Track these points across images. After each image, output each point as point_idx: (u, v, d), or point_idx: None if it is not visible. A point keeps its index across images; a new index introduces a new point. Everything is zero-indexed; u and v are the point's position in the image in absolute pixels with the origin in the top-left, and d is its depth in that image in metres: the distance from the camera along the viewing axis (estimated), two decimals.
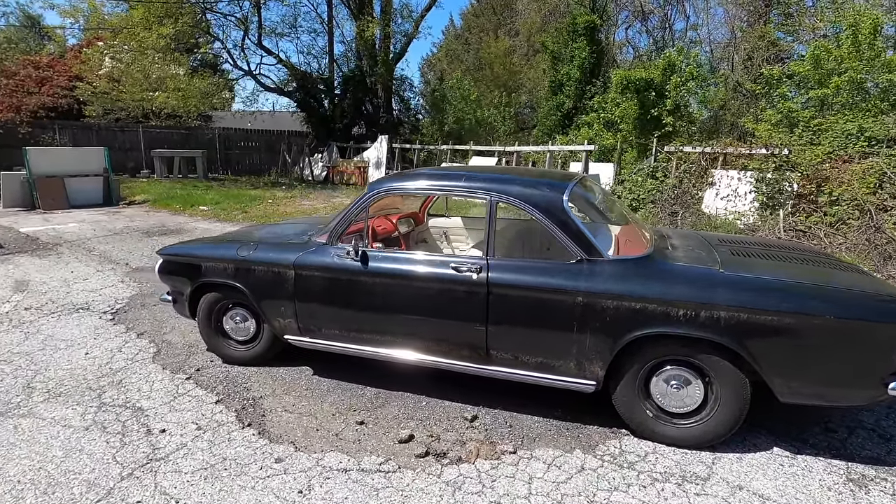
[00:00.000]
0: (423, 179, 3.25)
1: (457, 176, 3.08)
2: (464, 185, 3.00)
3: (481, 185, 2.93)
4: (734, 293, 2.40)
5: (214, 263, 3.44)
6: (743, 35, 15.13)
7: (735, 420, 2.49)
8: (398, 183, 3.16)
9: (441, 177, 3.23)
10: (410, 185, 3.15)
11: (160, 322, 4.49)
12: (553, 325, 2.65)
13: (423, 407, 3.08)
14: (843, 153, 8.81)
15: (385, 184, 3.15)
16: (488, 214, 2.83)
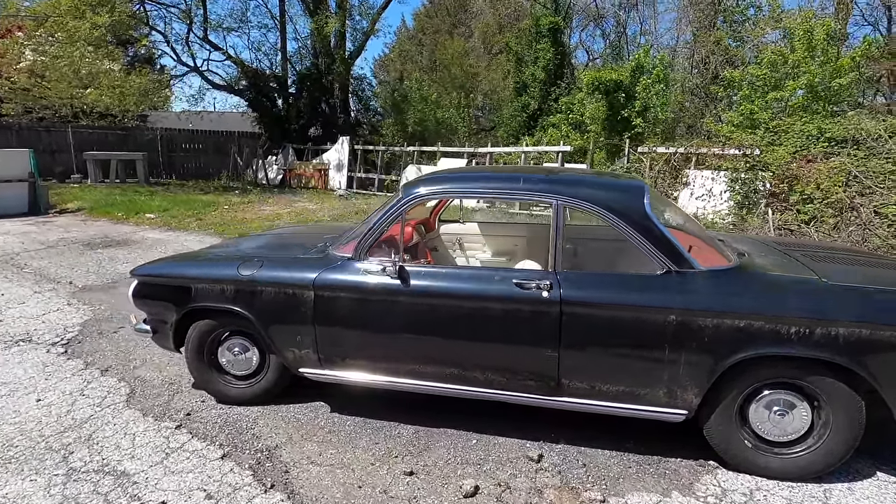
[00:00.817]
0: (469, 181, 2.80)
1: (512, 177, 2.67)
2: (522, 187, 2.59)
3: (544, 188, 2.54)
4: (853, 306, 2.13)
5: (209, 285, 2.83)
6: (696, 39, 15.65)
7: (848, 448, 2.23)
8: (438, 186, 2.70)
9: (492, 178, 2.80)
10: (454, 188, 2.71)
11: (127, 354, 3.77)
12: (640, 348, 2.30)
13: (474, 446, 2.63)
14: (806, 153, 9.13)
15: (422, 187, 2.67)
16: (555, 221, 2.43)
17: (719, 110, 12.97)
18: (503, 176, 2.75)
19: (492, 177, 2.82)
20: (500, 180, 2.73)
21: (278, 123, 18.09)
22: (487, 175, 2.92)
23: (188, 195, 13.81)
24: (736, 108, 11.71)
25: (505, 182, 2.67)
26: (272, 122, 18.09)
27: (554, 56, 15.14)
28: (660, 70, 11.49)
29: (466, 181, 2.80)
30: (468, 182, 2.79)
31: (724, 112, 12.24)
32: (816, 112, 10.49)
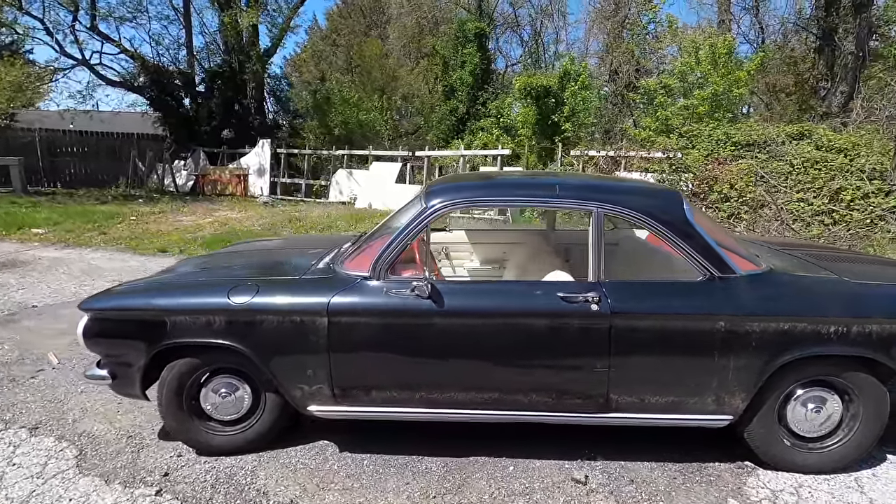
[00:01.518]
0: (501, 189, 2.60)
1: (547, 185, 2.53)
2: (558, 194, 2.44)
3: (583, 195, 2.41)
4: (882, 303, 2.25)
5: (191, 317, 2.36)
6: (609, 50, 16.71)
7: (875, 437, 2.35)
8: (467, 195, 2.47)
9: (525, 186, 2.63)
10: (485, 197, 2.50)
11: (58, 404, 3.08)
12: (690, 357, 2.25)
13: (514, 474, 2.44)
14: (717, 156, 10.03)
15: (449, 196, 2.41)
16: (596, 230, 2.31)
17: (636, 116, 13.91)
18: (537, 183, 2.60)
19: (524, 184, 2.66)
20: (533, 188, 2.57)
21: (186, 124, 16.50)
22: (520, 182, 2.75)
23: (83, 206, 12.11)
24: (651, 114, 12.62)
25: (540, 189, 2.52)
26: (179, 122, 16.46)
27: (481, 61, 15.35)
28: (585, 77, 12.06)
29: (498, 189, 2.60)
30: (500, 189, 2.59)
31: (640, 118, 13.13)
32: (719, 119, 11.61)
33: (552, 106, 11.87)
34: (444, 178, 2.90)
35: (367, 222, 10.49)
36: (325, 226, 10.05)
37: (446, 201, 2.38)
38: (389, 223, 2.68)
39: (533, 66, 20.56)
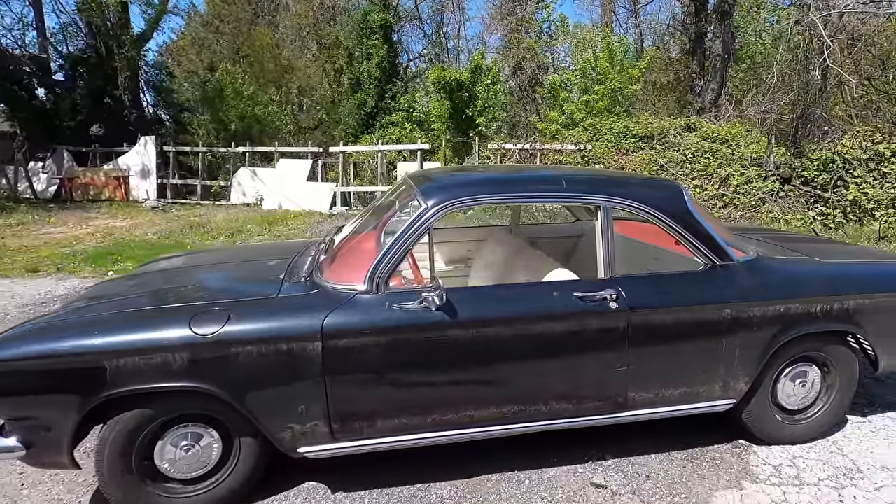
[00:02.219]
0: (508, 185, 2.39)
1: (553, 179, 2.39)
2: (566, 189, 2.31)
3: (590, 189, 2.31)
4: (854, 280, 2.43)
5: (141, 358, 1.87)
6: (510, 45, 17.22)
7: (848, 402, 2.56)
8: (473, 192, 2.22)
9: (532, 181, 2.47)
10: (492, 194, 2.28)
11: None
12: (701, 346, 2.26)
13: (531, 489, 2.28)
14: (619, 147, 10.77)
15: (452, 195, 2.16)
16: (605, 224, 2.22)
17: (542, 110, 14.49)
18: (542, 177, 2.46)
19: (531, 179, 2.50)
20: (540, 182, 2.42)
21: (42, 119, 14.05)
22: (525, 178, 2.57)
23: None
24: (557, 108, 13.22)
25: (546, 184, 2.38)
26: (32, 117, 13.95)
27: (388, 54, 14.95)
28: (495, 72, 12.27)
29: (504, 185, 2.39)
30: (506, 186, 2.39)
31: (546, 112, 13.70)
32: (617, 113, 12.49)
33: (465, 100, 11.91)
34: (432, 174, 2.64)
35: (282, 224, 9.73)
36: (235, 230, 9.10)
37: (450, 200, 2.14)
38: (373, 225, 2.37)
39: (436, 59, 20.56)
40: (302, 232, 9.02)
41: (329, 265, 2.29)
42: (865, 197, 7.80)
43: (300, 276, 2.30)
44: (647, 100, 16.18)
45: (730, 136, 10.02)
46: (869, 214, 7.79)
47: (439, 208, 2.11)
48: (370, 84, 15.20)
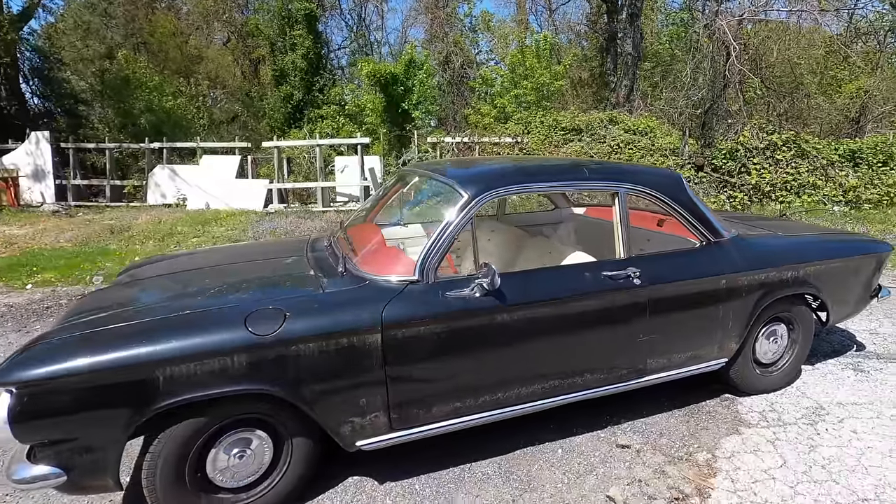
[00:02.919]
0: (539, 175, 2.51)
1: (576, 170, 2.56)
2: (588, 177, 2.51)
3: (608, 177, 2.53)
4: (814, 250, 2.87)
5: (196, 365, 1.77)
6: (437, 39, 17.36)
7: (805, 355, 3.02)
8: (509, 182, 2.32)
9: (558, 171, 2.62)
10: (527, 184, 2.39)
11: None
12: (703, 313, 2.56)
13: (567, 457, 2.46)
14: (550, 140, 11.37)
15: (492, 183, 2.26)
16: (621, 209, 2.44)
17: (474, 103, 14.82)
18: (566, 168, 2.62)
19: (557, 169, 2.64)
20: (565, 172, 2.58)
21: None
22: (552, 168, 2.69)
23: None
24: (489, 102, 13.61)
25: (572, 174, 2.55)
26: None
27: (314, 45, 14.44)
28: (428, 66, 12.35)
29: (536, 175, 2.50)
30: (537, 176, 2.50)
31: (479, 105, 14.04)
32: (545, 107, 13.14)
33: (401, 93, 11.88)
34: (446, 165, 2.70)
35: (216, 225, 9.13)
36: (165, 234, 8.40)
37: (491, 190, 2.23)
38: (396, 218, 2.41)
39: (359, 52, 20.20)
40: (242, 232, 8.55)
41: (368, 259, 2.28)
42: (764, 181, 8.95)
43: (335, 271, 2.27)
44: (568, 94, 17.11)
45: (648, 128, 10.96)
46: (767, 196, 8.95)
47: (482, 198, 2.20)
48: (296, 76, 14.61)
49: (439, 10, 17.43)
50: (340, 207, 10.31)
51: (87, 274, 6.04)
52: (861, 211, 8.60)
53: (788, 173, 8.94)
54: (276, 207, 10.50)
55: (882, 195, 8.88)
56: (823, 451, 2.45)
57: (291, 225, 8.78)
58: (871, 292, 3.17)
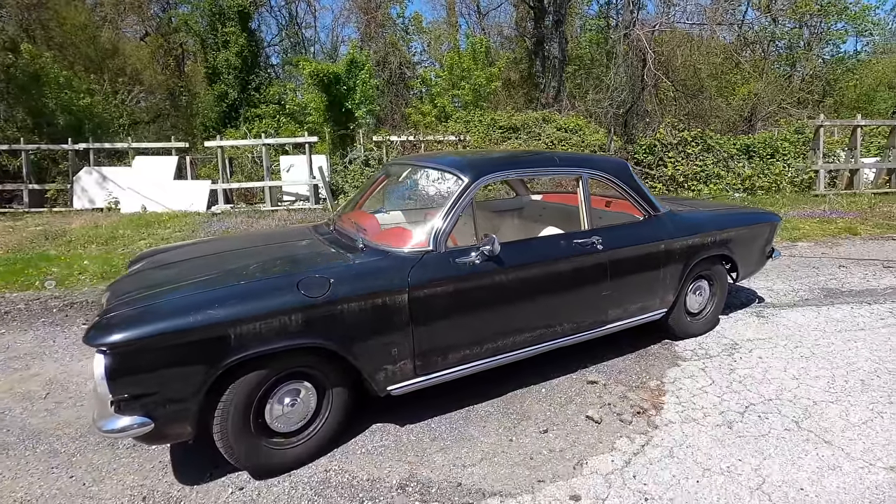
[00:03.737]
0: (522, 164, 3.05)
1: (550, 159, 3.12)
2: (559, 165, 3.08)
3: (574, 165, 3.10)
4: (728, 220, 3.63)
5: (261, 324, 2.10)
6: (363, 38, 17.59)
7: (722, 305, 3.79)
8: (500, 170, 2.85)
9: (537, 161, 3.15)
10: (514, 170, 2.92)
11: None
12: (649, 272, 3.21)
13: (550, 394, 3.00)
14: (490, 138, 12.08)
15: (487, 170, 2.75)
16: (584, 190, 3.02)
17: (413, 103, 15.24)
18: (543, 157, 3.15)
19: (536, 158, 3.16)
20: (543, 161, 3.13)
21: None
22: (531, 157, 3.21)
23: None
24: (429, 101, 14.10)
25: (547, 162, 3.10)
26: None
27: (248, 43, 14.17)
28: (370, 66, 12.61)
29: (520, 163, 3.02)
30: (521, 163, 3.02)
31: (418, 105, 14.49)
32: (482, 107, 13.85)
33: (344, 93, 12.06)
34: (442, 156, 3.14)
35: (160, 227, 8.89)
36: (107, 238, 8.09)
37: (487, 174, 2.72)
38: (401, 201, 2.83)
39: (291, 50, 19.93)
40: (192, 233, 8.42)
41: (384, 235, 2.69)
42: (678, 172, 10.17)
43: (353, 248, 2.65)
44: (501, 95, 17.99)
45: (578, 126, 11.97)
46: (681, 185, 10.19)
47: (480, 181, 2.68)
48: (230, 74, 14.27)
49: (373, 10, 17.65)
50: (290, 206, 10.35)
51: (34, 279, 5.82)
52: (756, 196, 10.06)
53: (697, 165, 10.23)
54: (221, 208, 10.34)
55: (771, 183, 10.42)
56: (739, 371, 3.19)
57: (244, 224, 8.77)
58: (767, 253, 4.02)
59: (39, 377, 3.42)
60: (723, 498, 2.11)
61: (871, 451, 2.39)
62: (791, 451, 2.40)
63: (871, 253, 6.25)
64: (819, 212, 8.61)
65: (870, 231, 7.49)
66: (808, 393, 2.92)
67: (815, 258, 6.00)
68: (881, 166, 11.19)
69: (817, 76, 19.22)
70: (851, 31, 19.44)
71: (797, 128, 11.58)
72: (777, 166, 10.64)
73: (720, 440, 2.50)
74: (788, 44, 18.82)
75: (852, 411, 2.73)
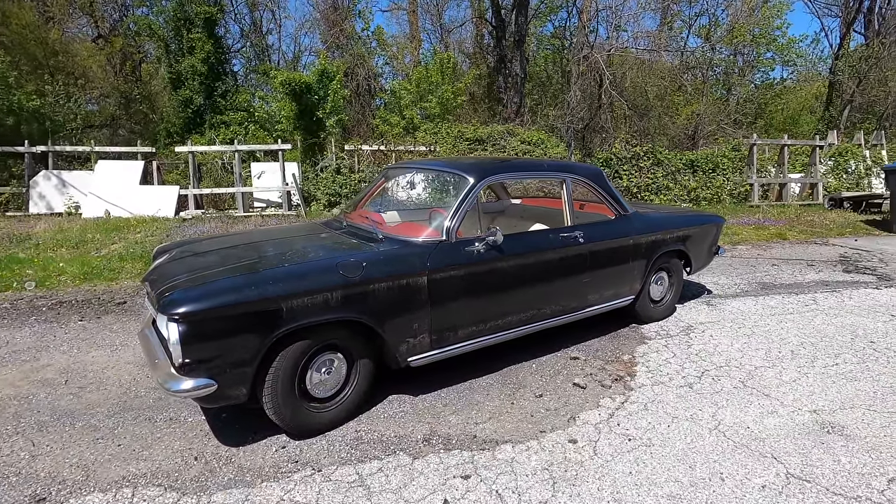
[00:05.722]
0: (517, 167, 3.51)
1: (539, 165, 3.61)
2: (546, 170, 3.58)
3: (559, 170, 3.60)
4: (686, 221, 4.24)
5: (308, 299, 2.44)
6: (328, 48, 17.87)
7: (678, 294, 4.39)
8: (499, 173, 3.33)
9: (528, 165, 3.62)
10: (511, 173, 3.39)
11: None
12: (620, 263, 3.74)
13: (538, 369, 3.45)
14: (457, 150, 12.62)
15: (489, 173, 3.21)
16: (568, 192, 3.52)
17: (380, 114, 15.61)
18: (533, 165, 3.64)
19: (528, 165, 3.64)
20: (533, 167, 3.61)
21: None
22: (523, 164, 3.67)
23: None
24: (398, 113, 14.52)
25: (536, 168, 3.59)
26: None
27: (215, 49, 14.13)
28: (340, 77, 12.90)
29: (517, 167, 3.49)
30: (518, 169, 3.49)
31: (387, 116, 14.88)
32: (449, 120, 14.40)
33: (315, 102, 12.28)
34: (456, 159, 3.59)
35: (130, 232, 8.81)
36: (76, 241, 7.96)
37: (489, 176, 3.17)
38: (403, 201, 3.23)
39: (255, 58, 19.89)
40: (166, 236, 8.40)
41: (401, 229, 3.07)
42: (632, 184, 11.04)
43: (373, 238, 3.03)
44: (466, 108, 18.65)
45: (540, 140, 12.72)
46: (635, 196, 11.05)
47: (484, 181, 3.12)
48: (195, 81, 14.16)
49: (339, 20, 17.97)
50: (262, 212, 10.44)
51: (11, 281, 5.76)
52: (700, 206, 11.06)
53: (649, 178, 11.15)
54: (192, 213, 10.29)
55: (713, 194, 11.49)
56: (695, 346, 3.76)
57: (219, 229, 8.82)
58: (714, 251, 4.68)
59: (52, 367, 3.55)
60: (689, 436, 2.62)
61: (799, 400, 2.98)
62: (739, 402, 2.95)
63: (798, 254, 7.16)
64: (754, 220, 9.64)
65: (796, 236, 8.51)
66: (750, 361, 3.52)
67: (752, 258, 6.83)
68: (805, 181, 12.55)
69: (750, 100, 21.12)
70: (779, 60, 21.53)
71: (734, 145, 12.80)
72: (718, 180, 11.74)
73: (683, 397, 3.02)
74: (725, 70, 20.60)
75: (784, 373, 3.34)
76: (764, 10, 19.79)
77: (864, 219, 10.24)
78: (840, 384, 3.18)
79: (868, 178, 13.21)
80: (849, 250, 7.38)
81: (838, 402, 2.95)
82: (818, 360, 3.53)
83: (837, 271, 6.08)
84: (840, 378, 3.26)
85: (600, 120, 13.23)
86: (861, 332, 4.06)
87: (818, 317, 4.42)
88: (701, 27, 20.48)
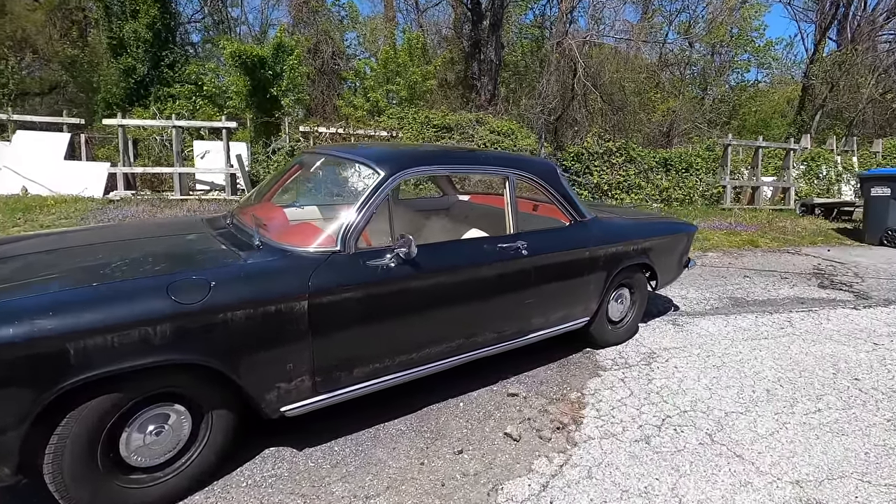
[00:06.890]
0: (448, 160, 2.78)
1: (476, 158, 2.89)
2: (484, 163, 2.85)
3: (500, 164, 2.89)
4: (650, 229, 3.62)
5: (115, 335, 1.70)
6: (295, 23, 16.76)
7: (641, 313, 3.79)
8: (423, 165, 2.58)
9: (463, 158, 2.88)
10: (438, 166, 2.64)
11: None
12: (573, 279, 3.10)
13: (466, 408, 2.80)
14: (423, 136, 11.85)
15: (406, 164, 2.46)
16: (509, 191, 2.84)
17: (345, 95, 14.65)
18: (469, 157, 2.91)
19: (458, 155, 2.90)
20: (466, 158, 2.87)
21: None
22: (458, 156, 2.94)
23: None
24: (362, 95, 13.61)
25: (471, 159, 2.86)
26: None
27: (161, 15, 12.89)
28: (299, 52, 11.91)
29: (441, 159, 2.73)
30: (447, 161, 2.75)
31: (350, 97, 13.96)
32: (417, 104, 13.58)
33: (269, 78, 11.29)
34: (371, 147, 2.84)
35: (40, 212, 7.80)
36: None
37: (405, 169, 2.45)
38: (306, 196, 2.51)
39: (214, 28, 18.57)
40: (82, 221, 7.43)
41: (287, 232, 2.34)
42: (603, 181, 10.50)
43: (249, 245, 2.29)
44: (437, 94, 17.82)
45: (510, 130, 12.04)
46: (605, 194, 10.52)
47: (397, 176, 2.40)
48: (139, 48, 12.92)
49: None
50: (203, 196, 9.48)
51: None
52: (671, 207, 10.61)
53: (621, 175, 10.62)
54: (121, 194, 9.26)
55: (685, 195, 11.05)
56: (657, 382, 3.16)
57: (145, 214, 7.88)
58: (684, 263, 4.10)
59: None
60: None
61: (778, 465, 2.40)
62: (706, 467, 2.35)
63: (771, 264, 6.71)
64: (726, 224, 9.21)
65: (769, 244, 8.10)
66: (719, 404, 2.93)
67: (723, 268, 6.33)
68: (777, 185, 12.26)
69: (724, 100, 20.89)
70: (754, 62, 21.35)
71: (708, 145, 12.39)
72: (691, 180, 11.30)
73: (638, 457, 2.41)
74: (702, 69, 20.28)
75: (760, 422, 2.76)
76: (743, 10, 19.49)
77: (836, 227, 9.96)
78: (825, 440, 2.62)
79: (838, 184, 13.04)
80: (822, 262, 6.98)
81: (825, 469, 2.39)
82: (798, 404, 2.97)
83: (812, 286, 5.62)
84: (825, 431, 2.70)
85: (573, 112, 12.63)
86: (843, 365, 3.54)
87: (795, 343, 3.90)
88: (681, 23, 20.09)
